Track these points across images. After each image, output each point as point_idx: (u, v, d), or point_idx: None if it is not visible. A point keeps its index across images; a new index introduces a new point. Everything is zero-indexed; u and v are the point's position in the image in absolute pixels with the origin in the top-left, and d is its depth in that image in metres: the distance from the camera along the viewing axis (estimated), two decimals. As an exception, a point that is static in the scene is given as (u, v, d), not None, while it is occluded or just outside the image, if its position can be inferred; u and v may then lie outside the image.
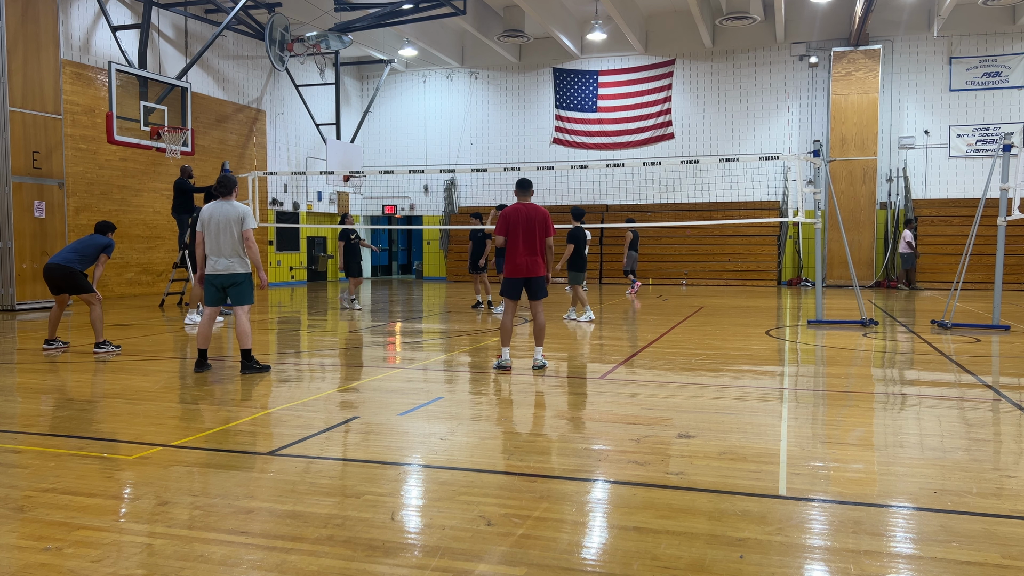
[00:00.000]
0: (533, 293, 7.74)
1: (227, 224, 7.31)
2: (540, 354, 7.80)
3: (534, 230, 7.61)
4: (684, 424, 5.38)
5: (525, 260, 7.62)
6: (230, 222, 7.31)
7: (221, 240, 7.32)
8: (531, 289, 7.72)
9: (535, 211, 7.63)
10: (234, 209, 7.36)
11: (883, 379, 7.61)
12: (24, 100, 14.14)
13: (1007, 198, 10.84)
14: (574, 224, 12.71)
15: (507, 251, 7.70)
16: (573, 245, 12.53)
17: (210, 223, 7.33)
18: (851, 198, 22.04)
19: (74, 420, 5.62)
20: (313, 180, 24.52)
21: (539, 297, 7.76)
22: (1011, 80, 21.54)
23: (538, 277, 7.68)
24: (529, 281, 7.69)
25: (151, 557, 3.15)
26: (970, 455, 4.63)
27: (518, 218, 7.62)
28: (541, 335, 7.81)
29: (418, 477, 4.34)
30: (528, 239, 7.61)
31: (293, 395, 6.59)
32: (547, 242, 7.70)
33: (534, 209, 7.63)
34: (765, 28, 22.82)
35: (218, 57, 20.66)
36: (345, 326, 12.20)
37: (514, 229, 7.61)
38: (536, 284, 7.71)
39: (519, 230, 7.60)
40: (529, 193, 7.78)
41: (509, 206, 7.72)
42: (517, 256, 7.63)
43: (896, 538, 3.37)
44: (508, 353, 7.77)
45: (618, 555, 3.18)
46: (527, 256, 7.62)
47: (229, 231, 7.31)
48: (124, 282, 17.81)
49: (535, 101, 25.58)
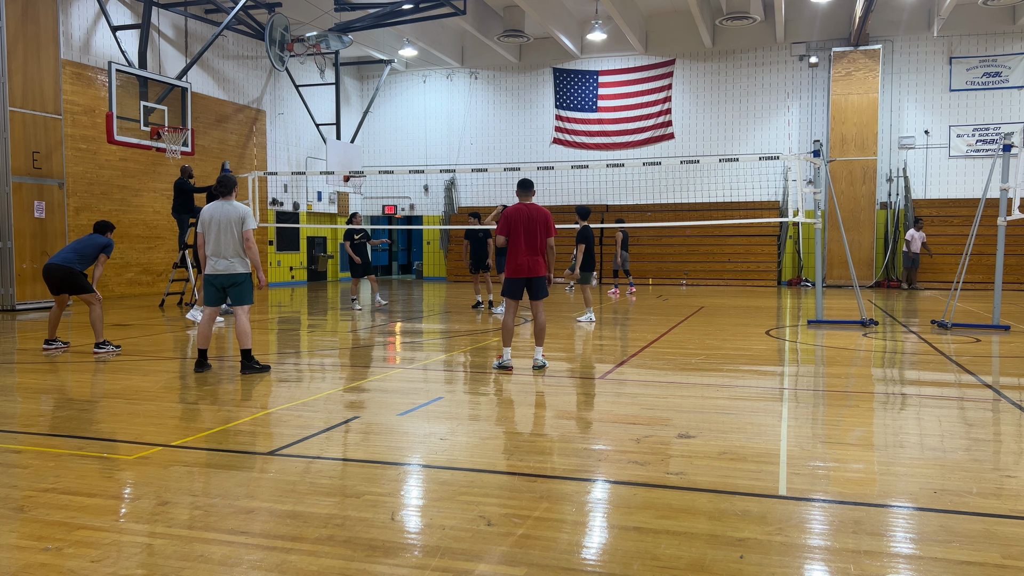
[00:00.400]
0: (534, 293, 7.78)
1: (228, 224, 7.32)
2: (540, 354, 7.82)
3: (536, 230, 7.65)
4: (684, 424, 5.38)
5: (527, 260, 7.65)
6: (231, 222, 7.32)
7: (222, 241, 7.33)
8: (532, 289, 7.77)
9: (537, 211, 7.67)
10: (235, 209, 7.37)
11: (883, 379, 7.61)
12: (24, 100, 14.14)
13: (1007, 198, 10.84)
14: (581, 224, 12.61)
15: (508, 251, 7.73)
16: (584, 245, 12.44)
17: (211, 224, 7.34)
18: (851, 198, 22.04)
19: (74, 420, 5.62)
20: (313, 180, 24.53)
21: (540, 297, 7.80)
22: (1011, 80, 21.54)
23: (539, 277, 7.73)
24: (530, 281, 7.73)
25: (151, 557, 3.15)
26: (970, 455, 4.63)
27: (519, 218, 7.65)
28: (542, 335, 7.84)
29: (418, 477, 4.34)
30: (530, 239, 7.64)
31: (293, 395, 6.59)
32: (548, 242, 7.74)
33: (536, 209, 7.68)
34: (765, 28, 22.82)
35: (218, 57, 20.66)
36: (346, 326, 12.20)
37: (516, 229, 7.64)
38: (537, 284, 7.75)
39: (520, 230, 7.63)
40: (531, 193, 7.82)
41: (511, 206, 7.75)
42: (519, 256, 7.66)
43: (896, 538, 3.37)
44: (509, 353, 7.79)
45: (618, 555, 3.18)
46: (529, 256, 7.66)
47: (230, 231, 7.32)
48: (124, 282, 17.81)
49: (535, 101, 25.58)
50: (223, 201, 7.47)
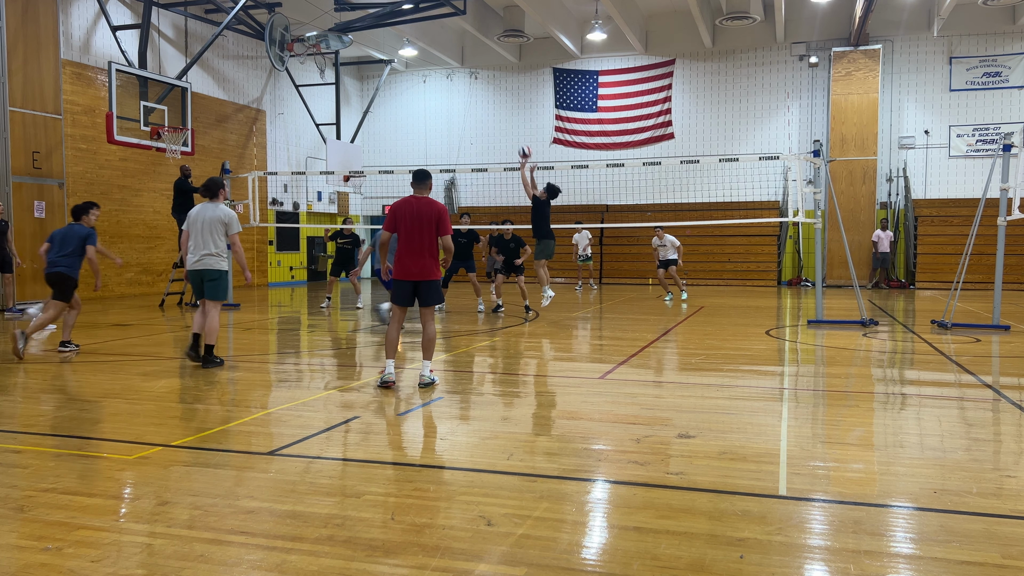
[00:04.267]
0: (424, 299, 6.86)
1: (210, 224, 7.70)
2: (428, 369, 6.86)
3: (422, 227, 6.69)
4: (684, 424, 5.38)
5: (414, 261, 6.76)
6: (215, 223, 7.70)
7: (202, 239, 7.71)
8: (421, 294, 6.84)
9: (428, 206, 6.73)
10: (220, 211, 7.74)
11: (883, 379, 7.61)
12: (24, 100, 14.14)
13: (1007, 198, 10.84)
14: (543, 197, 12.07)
15: (396, 250, 6.86)
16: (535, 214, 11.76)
17: (195, 222, 7.73)
18: (851, 198, 22.04)
19: (74, 420, 5.62)
20: (313, 180, 24.52)
21: (430, 304, 6.89)
22: (1011, 80, 21.54)
23: (429, 281, 6.80)
24: (418, 285, 6.81)
25: (151, 557, 3.15)
26: (970, 455, 4.63)
27: (406, 212, 6.73)
28: (430, 349, 6.91)
29: (418, 477, 4.34)
30: (416, 237, 6.70)
31: (293, 395, 6.59)
32: (444, 241, 6.78)
33: (427, 203, 6.75)
34: (765, 28, 22.81)
35: (218, 57, 20.66)
36: (345, 326, 12.20)
37: (402, 225, 6.74)
38: (426, 289, 6.81)
39: (405, 226, 6.72)
40: (426, 186, 6.87)
41: (400, 199, 6.86)
42: (404, 256, 6.78)
43: (896, 538, 3.37)
44: (392, 366, 6.84)
45: (618, 555, 3.18)
46: (416, 257, 6.74)
47: (210, 231, 7.71)
48: (124, 282, 17.81)
49: (535, 101, 25.58)
50: (210, 203, 7.80)
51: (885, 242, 21.48)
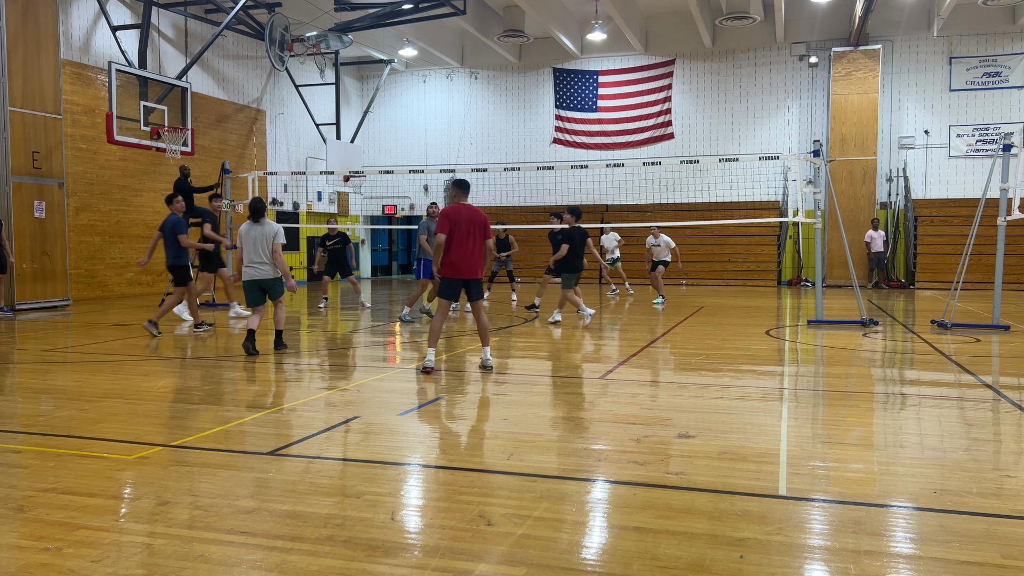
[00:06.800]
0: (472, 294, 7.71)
1: (262, 239, 8.79)
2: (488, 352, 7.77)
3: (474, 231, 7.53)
4: (684, 424, 5.38)
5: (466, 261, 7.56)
6: (265, 238, 8.79)
7: (255, 252, 8.80)
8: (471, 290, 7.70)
9: (475, 213, 7.56)
10: (269, 227, 8.83)
11: (883, 379, 7.61)
12: (24, 100, 14.14)
13: (1007, 198, 10.84)
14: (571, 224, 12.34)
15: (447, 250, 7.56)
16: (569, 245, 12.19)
17: (247, 238, 8.78)
18: (851, 198, 22.04)
19: (74, 420, 5.62)
20: (313, 180, 24.52)
21: (477, 298, 7.74)
22: (1011, 80, 21.54)
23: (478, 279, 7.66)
24: (469, 283, 7.65)
25: (151, 557, 3.15)
26: (970, 455, 4.63)
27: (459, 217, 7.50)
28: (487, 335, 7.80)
29: (418, 477, 4.34)
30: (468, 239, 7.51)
31: (293, 395, 6.59)
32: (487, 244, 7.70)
33: (473, 211, 7.57)
34: (765, 28, 22.81)
35: (218, 57, 20.66)
36: (345, 326, 12.20)
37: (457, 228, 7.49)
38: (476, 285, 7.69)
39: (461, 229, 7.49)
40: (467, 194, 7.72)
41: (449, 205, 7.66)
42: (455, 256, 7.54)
43: (896, 538, 3.37)
44: (433, 354, 7.60)
45: (618, 555, 3.18)
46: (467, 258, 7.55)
47: (262, 245, 8.79)
48: (124, 282, 17.81)
49: (535, 101, 25.58)
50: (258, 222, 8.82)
51: (879, 242, 21.52)
